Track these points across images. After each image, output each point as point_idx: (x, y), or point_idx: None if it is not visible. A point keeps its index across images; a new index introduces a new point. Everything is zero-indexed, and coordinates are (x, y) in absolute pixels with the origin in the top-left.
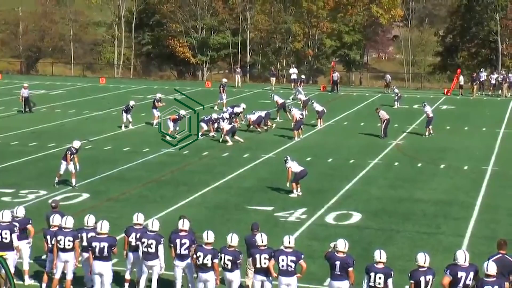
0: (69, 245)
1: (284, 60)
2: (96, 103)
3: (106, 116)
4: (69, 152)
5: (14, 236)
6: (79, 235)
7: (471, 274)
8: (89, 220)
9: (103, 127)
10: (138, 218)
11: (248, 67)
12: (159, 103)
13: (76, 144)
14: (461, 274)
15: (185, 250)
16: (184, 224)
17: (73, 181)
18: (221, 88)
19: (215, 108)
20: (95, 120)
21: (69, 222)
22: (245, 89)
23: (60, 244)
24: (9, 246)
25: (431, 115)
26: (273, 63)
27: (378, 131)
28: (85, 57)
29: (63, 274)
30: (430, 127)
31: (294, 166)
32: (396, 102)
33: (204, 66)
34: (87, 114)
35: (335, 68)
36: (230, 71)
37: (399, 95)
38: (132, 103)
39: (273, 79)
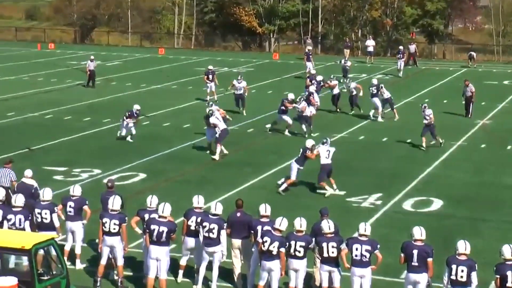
0: (114, 229)
1: (359, 31)
2: (155, 75)
3: (165, 89)
4: None
5: (55, 216)
6: (125, 218)
7: None
8: (152, 201)
9: (161, 102)
10: (199, 200)
11: (319, 38)
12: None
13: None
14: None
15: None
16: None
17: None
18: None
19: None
20: (153, 94)
21: (116, 203)
22: (316, 62)
23: (105, 227)
24: (50, 227)
25: (432, 121)
26: (347, 34)
27: (462, 110)
28: (143, 26)
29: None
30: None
31: (322, 152)
32: None
33: (271, 36)
34: (145, 88)
35: (414, 40)
36: (300, 42)
37: None
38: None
39: (347, 51)
